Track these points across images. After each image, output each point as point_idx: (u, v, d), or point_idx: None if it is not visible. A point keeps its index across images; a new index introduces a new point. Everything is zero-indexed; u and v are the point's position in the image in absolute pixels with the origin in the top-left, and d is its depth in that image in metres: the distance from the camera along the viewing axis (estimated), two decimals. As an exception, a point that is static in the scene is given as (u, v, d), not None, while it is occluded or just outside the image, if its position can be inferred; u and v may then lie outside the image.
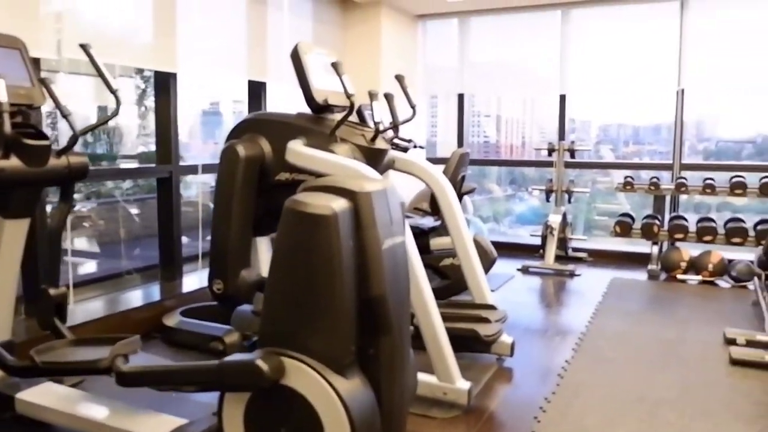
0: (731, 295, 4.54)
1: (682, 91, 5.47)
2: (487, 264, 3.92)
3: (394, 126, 3.09)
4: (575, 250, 5.81)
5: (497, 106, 8.00)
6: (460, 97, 6.41)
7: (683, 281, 4.95)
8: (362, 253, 1.61)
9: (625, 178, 5.39)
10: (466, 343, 2.75)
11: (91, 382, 2.62)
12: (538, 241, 5.66)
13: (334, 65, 2.80)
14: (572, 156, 5.59)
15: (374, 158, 2.94)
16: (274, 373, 1.54)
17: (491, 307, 3.08)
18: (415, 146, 5.25)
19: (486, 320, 2.83)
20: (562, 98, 5.94)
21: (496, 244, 5.88)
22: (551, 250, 5.33)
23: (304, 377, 1.56)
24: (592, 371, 3.03)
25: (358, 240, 1.60)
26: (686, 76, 5.41)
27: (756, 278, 4.16)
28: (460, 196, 4.63)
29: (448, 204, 3.19)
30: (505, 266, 5.44)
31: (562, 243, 5.65)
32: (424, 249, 4.07)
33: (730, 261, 4.94)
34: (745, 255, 5.02)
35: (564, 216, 5.57)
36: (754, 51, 5.19)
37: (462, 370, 2.69)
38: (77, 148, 2.56)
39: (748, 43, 5.21)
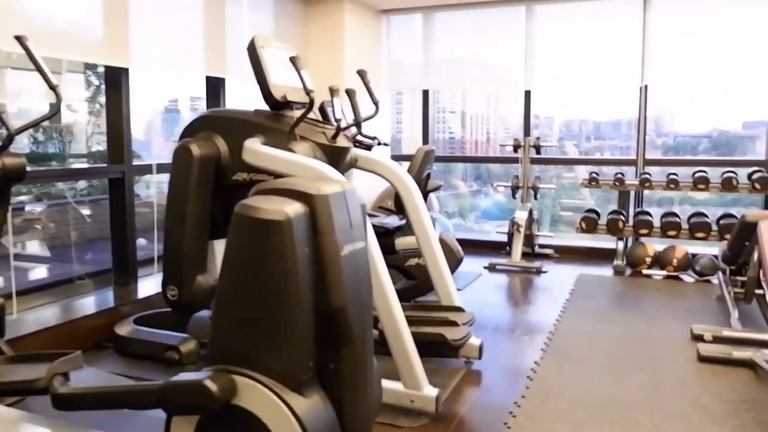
0: (696, 290, 4.55)
1: (646, 87, 5.47)
2: (454, 263, 3.83)
3: (357, 123, 2.97)
4: (542, 246, 5.78)
5: (462, 102, 7.96)
6: (425, 93, 6.32)
7: (648, 276, 4.95)
8: (320, 260, 1.49)
9: (590, 174, 5.37)
10: (434, 348, 2.66)
11: (32, 399, 2.45)
12: (504, 238, 5.61)
13: (293, 60, 2.67)
14: (538, 152, 5.55)
15: (336, 157, 2.83)
16: (224, 393, 1.41)
17: (459, 309, 2.99)
18: (379, 143, 5.14)
19: (453, 323, 2.74)
20: (527, 94, 5.90)
21: (462, 241, 5.82)
22: (518, 247, 5.29)
23: (257, 397, 1.44)
24: (561, 373, 2.97)
25: (315, 247, 1.48)
26: (650, 72, 5.41)
27: (720, 273, 4.17)
28: (426, 194, 4.54)
29: (412, 203, 3.09)
30: (472, 264, 5.37)
31: (529, 240, 5.61)
32: (389, 249, 3.98)
33: (693, 255, 4.96)
34: (709, 249, 5.06)
35: (530, 212, 5.53)
36: (712, 48, 5.21)
37: (429, 375, 2.59)
38: (22, 148, 2.39)
39: (707, 40, 5.23)
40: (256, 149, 2.66)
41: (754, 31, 5.11)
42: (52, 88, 2.32)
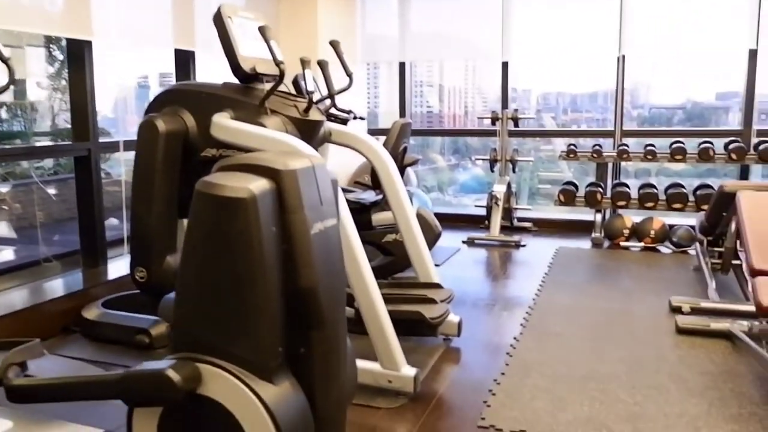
0: (673, 261, 4.56)
1: (623, 57, 5.41)
2: (432, 239, 3.77)
3: (330, 96, 2.87)
4: (520, 219, 5.75)
5: (439, 75, 7.85)
6: (401, 66, 6.20)
7: (626, 248, 4.95)
8: (288, 240, 1.41)
9: (568, 146, 5.33)
10: (411, 327, 2.60)
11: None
12: (483, 212, 5.56)
13: (261, 30, 2.55)
14: (516, 124, 5.49)
15: (308, 131, 2.73)
16: (187, 383, 1.34)
17: (437, 286, 2.94)
18: (355, 117, 5.01)
19: (431, 301, 2.69)
20: (505, 65, 5.81)
21: (440, 216, 5.76)
22: (496, 220, 5.25)
23: (223, 385, 1.36)
24: (540, 348, 2.94)
25: (282, 225, 1.40)
26: (627, 42, 5.34)
27: (697, 244, 4.17)
28: (403, 168, 4.46)
29: (389, 178, 3.01)
30: (451, 239, 5.33)
31: (507, 213, 5.57)
32: (365, 225, 3.90)
33: (671, 227, 4.96)
34: (686, 220, 5.07)
35: (508, 186, 5.49)
36: (687, 18, 5.16)
37: (407, 354, 2.54)
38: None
39: (682, 10, 5.18)
40: (225, 124, 2.55)
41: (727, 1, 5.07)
42: (4, 61, 2.18)
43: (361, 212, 3.86)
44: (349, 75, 3.04)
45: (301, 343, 1.47)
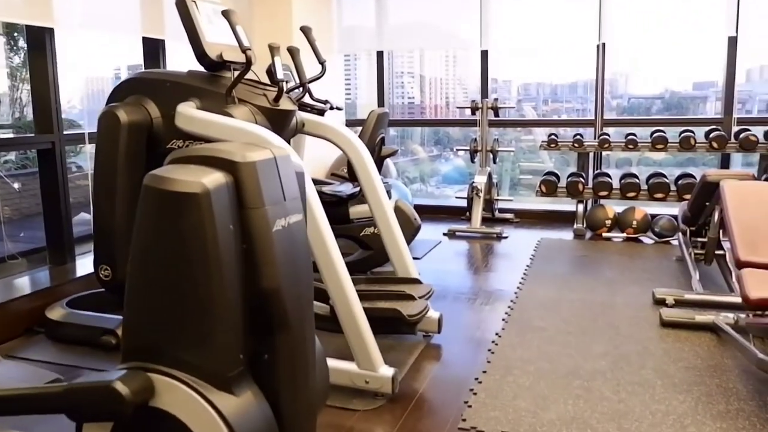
0: (656, 252, 4.50)
1: (603, 45, 5.33)
2: (411, 232, 3.67)
3: (302, 84, 2.74)
4: (501, 211, 5.67)
5: (420, 65, 7.74)
6: (379, 55, 6.07)
7: (608, 239, 4.89)
8: (248, 237, 1.29)
9: (549, 136, 5.25)
10: (389, 325, 2.50)
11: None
12: (464, 203, 5.47)
13: (226, 14, 2.42)
14: (496, 114, 5.39)
15: (278, 121, 2.61)
16: (138, 396, 1.22)
17: (416, 282, 2.84)
18: (332, 107, 4.89)
19: (410, 297, 2.59)
20: (484, 54, 5.71)
21: (420, 207, 5.67)
22: (477, 212, 5.16)
23: (178, 397, 1.25)
24: (523, 344, 2.85)
25: (241, 222, 1.29)
26: (607, 30, 5.27)
27: (680, 234, 4.12)
28: (381, 160, 4.36)
29: (364, 170, 2.90)
30: (431, 231, 5.24)
31: (489, 204, 5.49)
32: (343, 218, 3.79)
33: (653, 217, 4.91)
34: (668, 210, 5.02)
35: (489, 176, 5.40)
36: (664, 6, 5.10)
37: (386, 352, 2.45)
38: None
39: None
40: (189, 114, 2.42)
41: None
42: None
43: (338, 205, 3.75)
44: (322, 63, 2.91)
45: (265, 348, 1.36)
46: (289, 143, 2.92)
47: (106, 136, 2.57)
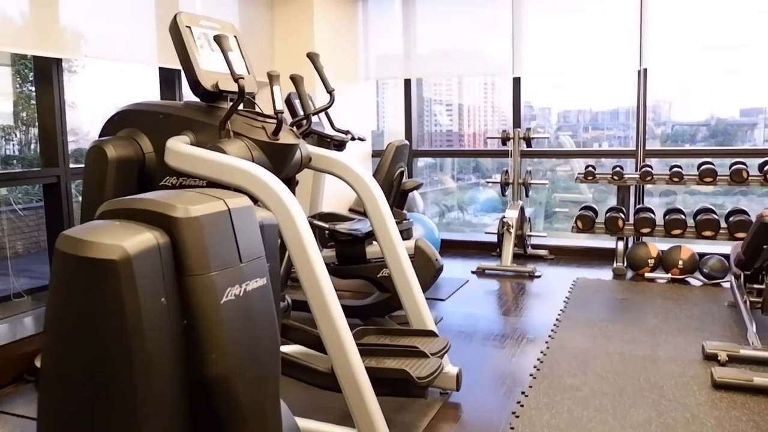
0: (704, 296, 4.10)
1: (645, 71, 5.00)
2: (432, 273, 3.38)
3: (306, 116, 2.51)
4: (535, 247, 5.33)
5: (458, 93, 7.51)
6: (407, 82, 5.85)
7: (651, 280, 4.50)
8: (189, 312, 1.04)
9: (586, 167, 4.91)
10: (396, 387, 2.20)
11: None
12: (494, 238, 5.15)
13: (217, 39, 2.21)
14: (528, 145, 5.09)
15: (278, 156, 2.37)
16: None
17: (430, 334, 2.54)
18: (353, 138, 4.69)
19: (422, 355, 2.29)
20: (516, 81, 5.43)
21: (448, 243, 5.40)
22: (508, 249, 4.83)
23: None
24: (552, 406, 2.51)
25: (180, 293, 1.03)
26: (648, 55, 4.94)
27: (733, 278, 3.72)
28: (404, 194, 4.10)
29: (376, 208, 2.63)
30: (459, 268, 4.94)
31: (521, 240, 5.16)
32: (359, 258, 3.53)
33: (701, 256, 4.50)
34: (718, 248, 4.62)
35: (521, 211, 5.08)
36: (710, 30, 4.75)
37: (396, 412, 2.19)
38: None
39: (705, 21, 4.77)
40: (178, 149, 2.20)
41: (752, 13, 4.65)
42: None
43: (354, 244, 3.50)
44: (330, 92, 2.68)
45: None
46: (293, 179, 2.69)
47: (93, 172, 2.37)
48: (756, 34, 4.64)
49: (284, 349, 2.56)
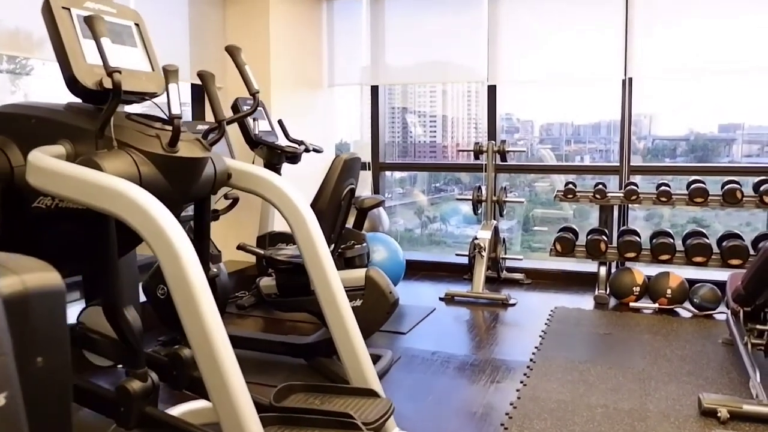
0: (696, 330, 3.66)
1: (630, 80, 4.59)
2: (385, 309, 2.90)
3: (218, 122, 2.02)
4: (510, 270, 4.87)
5: (441, 103, 7.04)
6: (374, 90, 5.39)
7: (637, 310, 4.05)
8: None
9: (566, 185, 4.47)
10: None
11: None
12: (466, 260, 4.69)
13: (89, 21, 1.73)
14: (503, 159, 4.64)
15: (178, 172, 1.89)
16: None
17: (371, 394, 2.05)
18: (307, 150, 4.22)
19: (353, 428, 1.80)
20: (492, 90, 5.00)
21: (416, 264, 4.93)
22: (480, 274, 4.37)
23: None
24: (520, 484, 2.04)
25: None
26: (633, 63, 4.53)
27: (730, 315, 3.28)
28: (362, 213, 3.63)
29: (306, 237, 2.16)
30: (426, 294, 4.48)
31: (495, 263, 4.70)
32: (302, 289, 3.03)
33: (691, 284, 4.07)
34: (709, 275, 4.20)
35: (495, 231, 4.62)
36: (694, 43, 4.37)
37: None
38: None
39: (690, 33, 4.39)
40: (39, 164, 1.71)
41: (736, 28, 4.29)
42: None
43: (296, 273, 3.00)
44: (254, 94, 2.20)
45: None
46: (205, 201, 2.20)
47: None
48: (736, 52, 4.27)
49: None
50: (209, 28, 4.56)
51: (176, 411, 2.04)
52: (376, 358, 3.02)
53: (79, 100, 1.94)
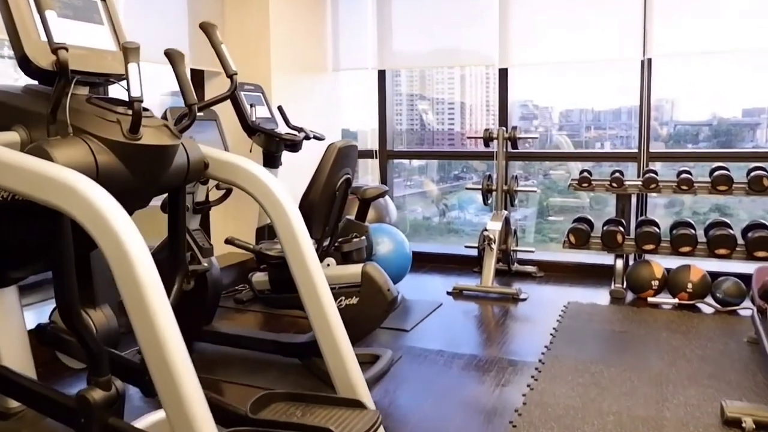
0: (718, 327, 3.43)
1: (649, 61, 4.34)
2: (382, 308, 2.72)
3: (188, 107, 1.84)
4: (522, 262, 4.66)
5: (460, 89, 6.81)
6: (381, 74, 5.18)
7: (655, 305, 3.83)
8: None
9: (581, 172, 4.25)
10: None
11: None
12: (476, 252, 4.49)
13: (32, -5, 1.55)
14: (514, 146, 4.42)
15: (141, 162, 1.71)
16: None
17: (356, 405, 1.87)
18: (307, 137, 4.04)
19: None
20: (503, 73, 4.77)
21: (424, 256, 4.77)
22: (489, 267, 4.17)
23: None
24: (521, 504, 1.86)
25: None
26: (653, 42, 4.27)
27: (756, 313, 3.06)
28: (364, 204, 3.46)
29: (287, 229, 1.98)
30: (433, 288, 4.30)
31: (505, 255, 4.50)
32: (294, 285, 2.86)
33: (713, 277, 3.84)
34: (733, 267, 3.97)
35: (506, 221, 4.41)
36: (716, 26, 4.10)
37: None
38: None
39: (714, 10, 4.12)
40: (-20, 152, 1.54)
41: (761, 7, 4.01)
42: None
43: (286, 268, 2.83)
44: (231, 76, 2.02)
45: None
46: (179, 192, 2.03)
47: None
48: (761, 32, 4.00)
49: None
50: (208, 12, 4.38)
51: (145, 422, 1.88)
52: (374, 359, 2.86)
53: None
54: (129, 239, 1.39)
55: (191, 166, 1.94)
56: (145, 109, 1.77)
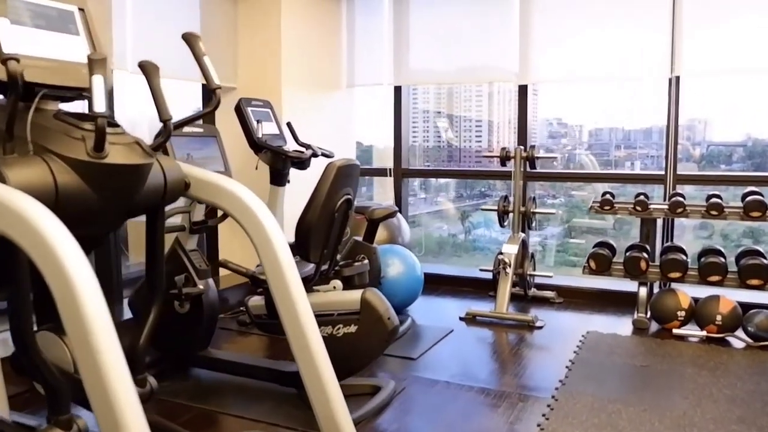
0: (749, 364, 3.19)
1: (677, 79, 4.13)
2: (382, 337, 2.55)
3: (164, 122, 1.72)
4: (540, 287, 4.45)
5: (487, 107, 6.65)
6: (397, 90, 5.05)
7: (681, 338, 3.59)
8: None
9: (603, 195, 4.04)
10: None
11: None
12: (491, 275, 4.30)
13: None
14: (532, 166, 4.23)
15: (109, 182, 1.58)
16: None
17: (338, 450, 1.71)
18: (315, 155, 3.92)
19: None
20: (523, 90, 4.60)
21: (437, 278, 4.62)
22: (504, 292, 3.97)
23: None
24: None
25: None
26: (681, 59, 4.06)
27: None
28: (373, 224, 3.32)
29: (270, 254, 1.83)
30: (445, 313, 4.12)
31: (522, 280, 4.29)
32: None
33: (745, 309, 3.59)
34: (765, 298, 3.71)
35: (523, 244, 4.22)
36: (753, 36, 3.88)
37: None
38: None
39: (746, 26, 3.90)
40: (-68, 171, 1.43)
41: None
42: None
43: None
44: (213, 90, 1.89)
45: None
46: (157, 213, 1.90)
47: None
48: None
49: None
50: (221, 27, 4.31)
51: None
52: (375, 390, 2.71)
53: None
54: (77, 273, 1.25)
55: (168, 186, 1.81)
56: (116, 125, 1.65)
